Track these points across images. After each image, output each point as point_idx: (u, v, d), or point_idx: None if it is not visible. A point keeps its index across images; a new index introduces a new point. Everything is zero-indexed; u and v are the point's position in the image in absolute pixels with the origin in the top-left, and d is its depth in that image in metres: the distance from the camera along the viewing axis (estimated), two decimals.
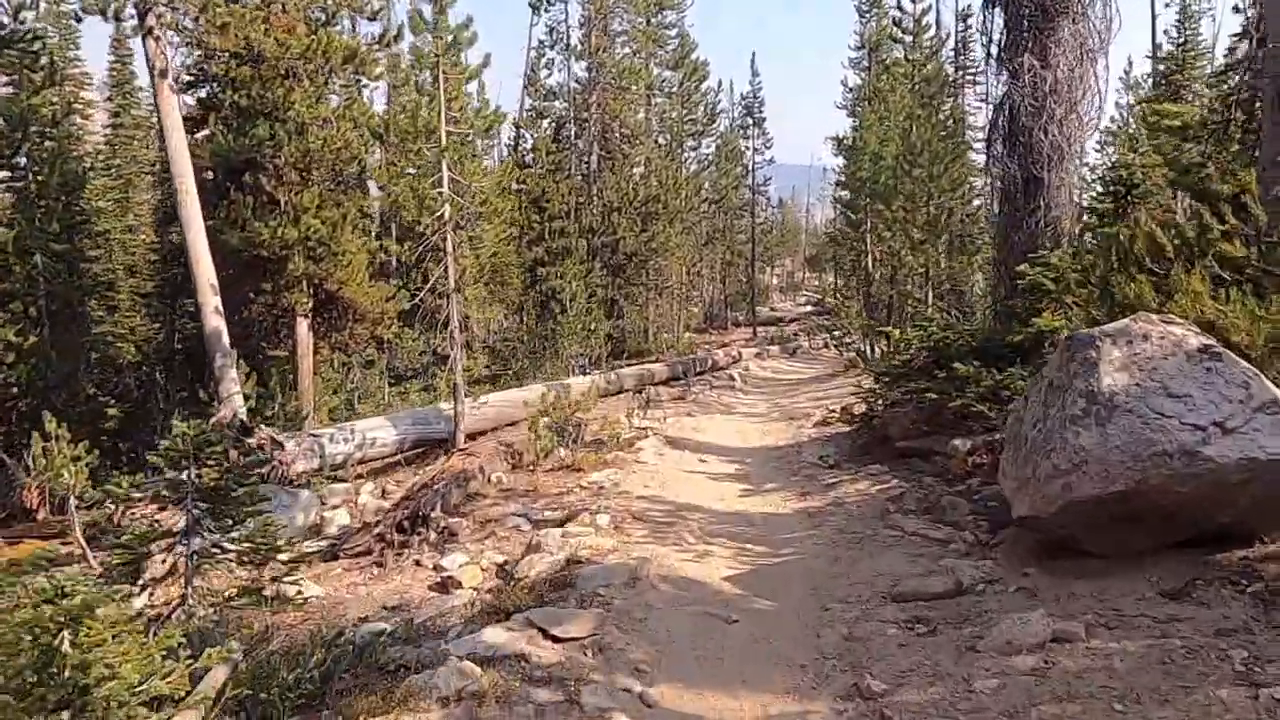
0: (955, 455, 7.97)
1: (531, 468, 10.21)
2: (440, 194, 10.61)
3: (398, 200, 10.86)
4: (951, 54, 24.12)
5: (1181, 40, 19.34)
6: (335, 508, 10.15)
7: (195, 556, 5.09)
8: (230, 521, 5.28)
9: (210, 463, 5.18)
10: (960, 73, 23.18)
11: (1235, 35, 28.94)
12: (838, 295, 22.05)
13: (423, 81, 10.66)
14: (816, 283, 78.93)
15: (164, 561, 5.17)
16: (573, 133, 32.69)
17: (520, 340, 26.85)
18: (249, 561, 5.33)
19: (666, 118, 34.23)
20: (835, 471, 9.29)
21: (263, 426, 11.56)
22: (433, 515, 8.40)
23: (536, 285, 29.22)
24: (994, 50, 9.73)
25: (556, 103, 33.38)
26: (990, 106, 9.80)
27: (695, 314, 45.58)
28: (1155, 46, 42.52)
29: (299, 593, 5.66)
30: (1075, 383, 4.71)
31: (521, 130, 31.85)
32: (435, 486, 8.95)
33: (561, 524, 7.80)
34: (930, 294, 18.26)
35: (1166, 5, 47.65)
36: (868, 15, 37.73)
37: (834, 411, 12.34)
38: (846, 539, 6.67)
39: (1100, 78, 9.23)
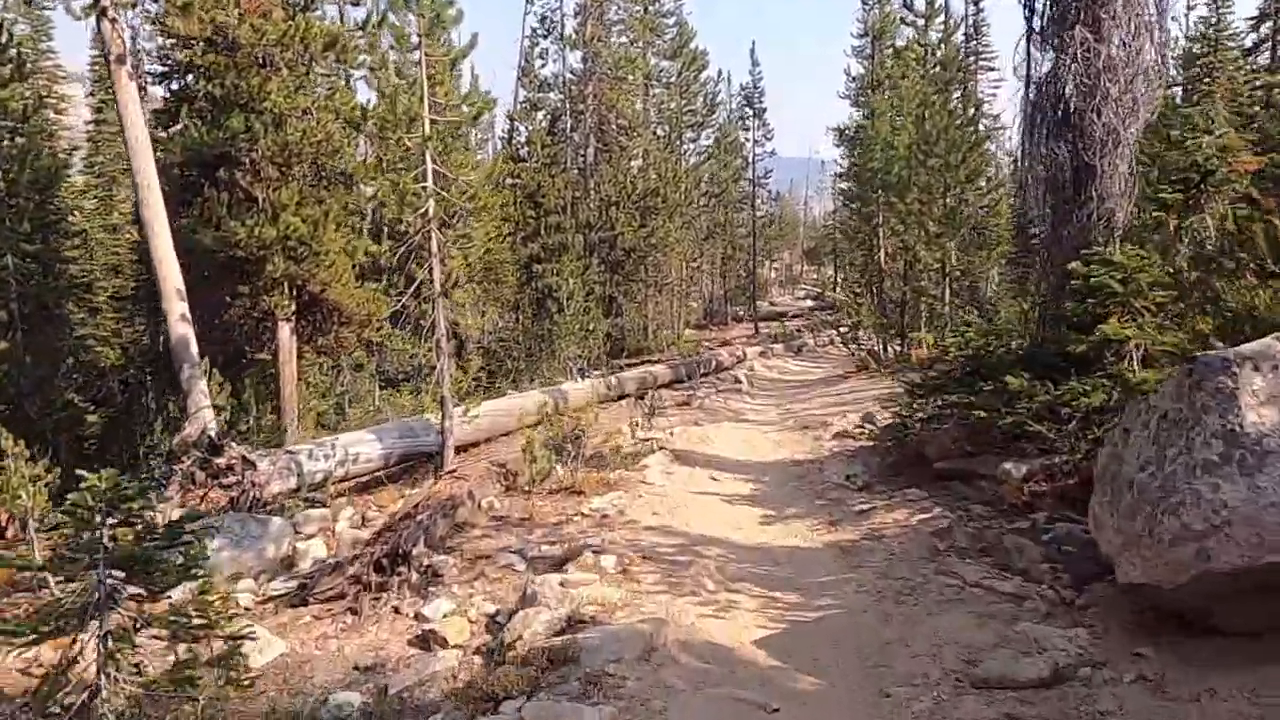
0: (1007, 481, 7.01)
1: (527, 491, 9.24)
2: (424, 189, 9.62)
3: (379, 196, 9.88)
4: (963, 39, 23.12)
5: (1214, 19, 18.38)
6: (310, 537, 9.17)
7: (109, 638, 4.12)
8: (157, 590, 4.31)
9: (130, 520, 4.21)
10: (974, 59, 22.15)
11: (1251, 19, 28.15)
12: (850, 293, 21.08)
13: (403, 65, 9.67)
14: (815, 276, 78.06)
15: (74, 642, 4.20)
16: (568, 125, 31.69)
17: (516, 341, 25.90)
18: (181, 639, 4.37)
19: (665, 109, 33.22)
20: (865, 495, 8.33)
21: (233, 444, 10.59)
22: (415, 552, 7.42)
23: (532, 283, 28.29)
24: (1037, 23, 8.74)
25: (551, 94, 32.37)
26: (1032, 86, 8.80)
27: (695, 309, 44.65)
28: (1163, 32, 41.39)
29: (245, 671, 4.70)
30: (1206, 419, 3.74)
31: (516, 123, 30.84)
32: (418, 516, 7.98)
33: (561, 564, 6.84)
34: (947, 291, 17.29)
35: None
36: (871, 1, 36.70)
37: (860, 427, 11.31)
38: (894, 588, 5.70)
39: (1158, 51, 8.26)
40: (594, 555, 6.72)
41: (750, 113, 40.09)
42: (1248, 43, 24.51)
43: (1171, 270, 5.82)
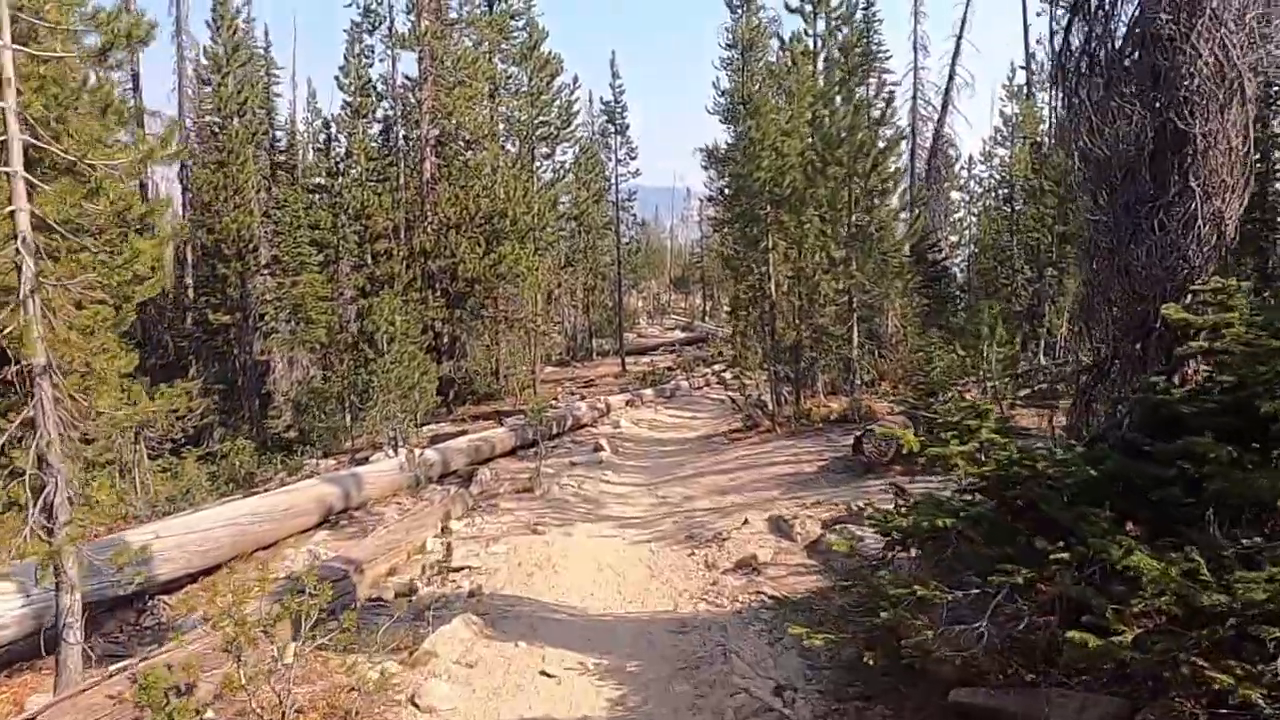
0: None
1: None
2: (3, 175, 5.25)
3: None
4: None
5: None
6: None
7: None
8: None
9: None
10: (867, 59, 19.16)
11: None
12: (737, 334, 17.51)
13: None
14: (684, 305, 75.96)
15: None
16: (400, 135, 27.26)
17: (329, 395, 21.15)
18: None
19: (514, 120, 29.20)
20: None
21: None
22: None
23: (361, 321, 23.66)
24: None
25: (384, 102, 27.88)
26: (1064, 10, 5.17)
27: (558, 343, 40.59)
28: (1029, 56, 40.67)
29: None
30: None
31: (335, 130, 26.08)
32: None
33: None
34: (855, 331, 13.87)
35: (1039, 15, 46.60)
36: (739, 11, 33.98)
37: (776, 589, 7.29)
38: None
39: None
40: None
41: (612, 129, 36.60)
42: None
43: None
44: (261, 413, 23.23)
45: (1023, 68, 39.27)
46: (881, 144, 13.58)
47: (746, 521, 8.72)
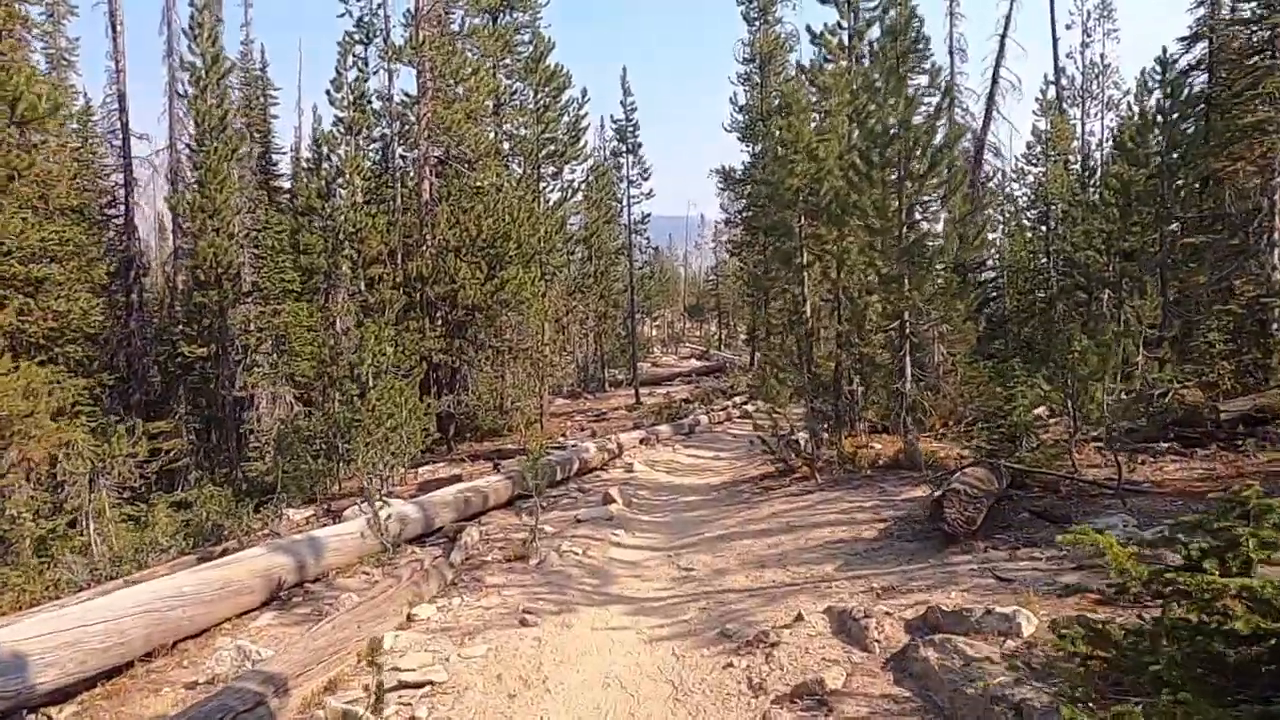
0: None
1: None
2: None
3: None
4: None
5: None
6: None
7: None
8: None
9: None
10: (916, 42, 17.25)
11: (1184, 39, 24.93)
12: (769, 364, 15.41)
13: None
14: (698, 334, 74.22)
15: None
16: (396, 153, 25.51)
17: (312, 434, 19.15)
18: None
19: (519, 137, 27.43)
20: None
21: None
22: None
23: (357, 351, 21.69)
24: None
25: (380, 120, 26.16)
26: None
27: (569, 374, 38.61)
28: (1059, 71, 38.76)
29: None
30: None
31: (329, 149, 24.31)
32: None
33: None
34: (908, 362, 11.77)
35: (1068, 28, 44.30)
36: (756, 24, 32.30)
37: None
38: None
39: None
40: None
41: (624, 149, 34.81)
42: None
43: None
44: (240, 454, 21.28)
45: (1053, 83, 37.45)
46: (939, 139, 11.61)
47: (800, 617, 6.59)
